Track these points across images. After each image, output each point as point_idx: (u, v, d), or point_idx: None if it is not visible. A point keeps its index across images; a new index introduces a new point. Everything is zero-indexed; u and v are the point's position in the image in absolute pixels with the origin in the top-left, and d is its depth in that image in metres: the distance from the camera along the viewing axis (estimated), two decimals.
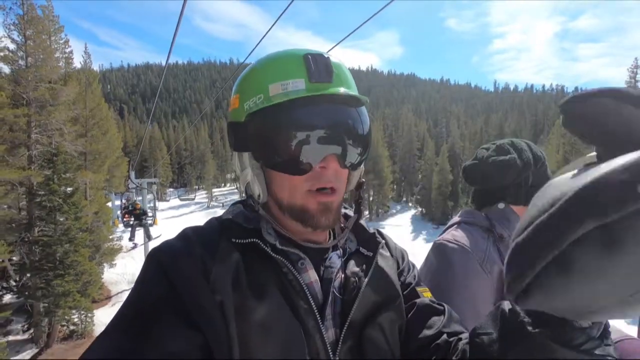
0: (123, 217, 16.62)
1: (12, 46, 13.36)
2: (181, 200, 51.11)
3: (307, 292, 0.61)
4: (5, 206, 13.51)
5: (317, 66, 0.62)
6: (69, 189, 13.99)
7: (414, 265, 0.83)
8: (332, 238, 0.74)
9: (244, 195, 0.74)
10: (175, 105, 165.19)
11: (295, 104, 0.60)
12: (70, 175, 13.93)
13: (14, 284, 14.60)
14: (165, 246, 0.61)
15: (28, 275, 13.50)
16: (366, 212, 45.12)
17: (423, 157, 54.24)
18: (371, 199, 47.57)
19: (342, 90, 0.62)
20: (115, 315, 0.54)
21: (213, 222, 0.69)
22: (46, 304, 13.07)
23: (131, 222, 16.28)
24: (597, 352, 0.40)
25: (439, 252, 1.05)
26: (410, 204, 57.59)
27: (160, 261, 0.58)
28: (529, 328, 0.44)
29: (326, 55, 0.64)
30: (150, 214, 16.56)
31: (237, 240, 0.62)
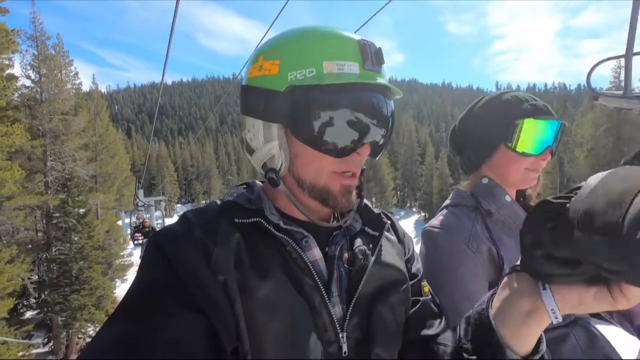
0: (133, 235, 17.27)
1: (27, 82, 14.78)
2: None
3: (312, 269, 0.61)
4: (24, 229, 14.73)
5: (372, 55, 0.62)
6: (81, 210, 15.20)
7: (418, 258, 0.83)
8: (336, 219, 0.74)
9: (259, 168, 0.70)
10: (181, 122, 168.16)
11: (348, 88, 0.59)
12: (83, 198, 15.14)
13: (33, 301, 15.76)
14: (165, 230, 0.60)
15: (47, 291, 14.62)
16: None
17: (424, 162, 54.88)
18: (373, 206, 48.11)
19: (385, 82, 0.63)
20: (120, 302, 0.54)
21: (214, 204, 0.68)
22: (64, 318, 14.16)
23: (141, 241, 16.90)
24: None
25: (426, 239, 1.06)
26: (414, 209, 58.14)
27: (160, 245, 0.57)
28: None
29: (378, 47, 0.64)
30: None
31: (239, 220, 0.61)
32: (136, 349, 0.47)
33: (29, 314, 16.15)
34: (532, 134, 1.01)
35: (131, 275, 21.91)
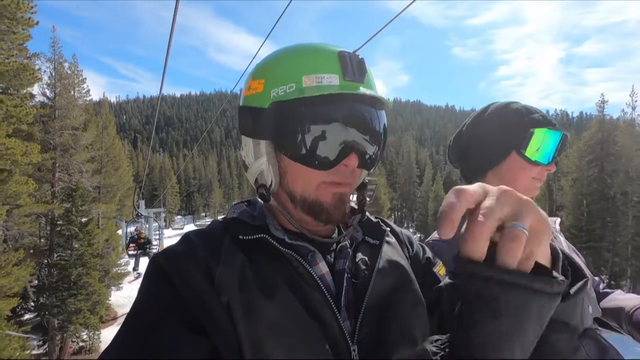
0: (128, 246, 16.91)
1: (41, 98, 16.06)
2: (196, 226, 53.24)
3: (321, 284, 0.60)
4: (29, 235, 15.73)
5: (352, 65, 0.62)
6: (84, 219, 16.23)
7: (423, 247, 0.82)
8: (336, 232, 0.74)
9: (253, 184, 0.70)
10: (187, 135, 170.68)
11: (328, 99, 0.59)
12: (86, 208, 16.20)
13: (32, 304, 16.59)
14: (167, 250, 0.60)
15: (45, 295, 15.47)
16: None
17: (422, 183, 55.78)
18: None
19: (370, 92, 0.62)
20: (122, 324, 0.53)
21: (216, 223, 0.67)
22: (60, 321, 14.97)
23: (135, 252, 16.70)
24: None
25: (431, 250, 1.02)
26: (411, 230, 58.77)
27: (161, 266, 0.56)
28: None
29: (360, 57, 0.64)
30: (155, 243, 17.95)
31: (244, 237, 0.60)
32: None
33: (27, 317, 16.95)
34: (544, 144, 1.01)
35: (126, 284, 22.70)
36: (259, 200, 0.73)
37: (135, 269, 19.49)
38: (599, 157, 25.99)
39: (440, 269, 0.77)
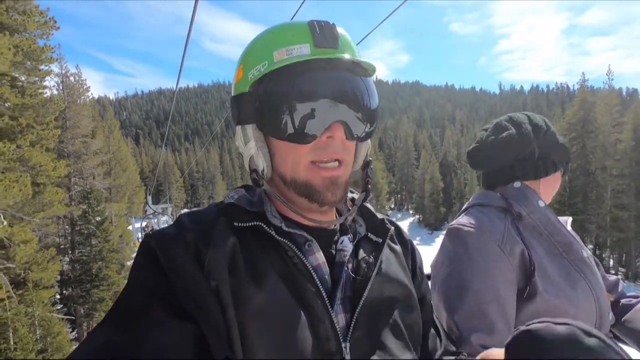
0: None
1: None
2: None
3: (315, 275, 0.58)
4: (51, 235, 17.51)
5: (323, 32, 0.60)
6: (99, 218, 17.96)
7: (424, 278, 0.79)
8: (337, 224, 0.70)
9: (248, 171, 0.68)
10: (188, 128, 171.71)
11: (300, 69, 0.58)
12: (101, 208, 17.90)
13: (58, 296, 18.52)
14: (157, 233, 0.58)
15: (71, 287, 17.38)
16: None
17: (420, 166, 57.14)
18: None
19: (347, 56, 0.60)
20: (112, 306, 0.53)
21: (212, 207, 0.66)
22: (86, 309, 16.89)
23: None
24: None
25: (454, 236, 1.01)
26: (411, 211, 60.41)
27: (151, 249, 0.56)
28: None
29: (332, 23, 0.62)
30: None
31: (239, 224, 0.59)
32: (120, 358, 0.46)
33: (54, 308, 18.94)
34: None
35: None
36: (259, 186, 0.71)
37: None
38: (580, 135, 27.18)
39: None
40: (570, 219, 1.18)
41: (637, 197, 23.67)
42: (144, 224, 21.48)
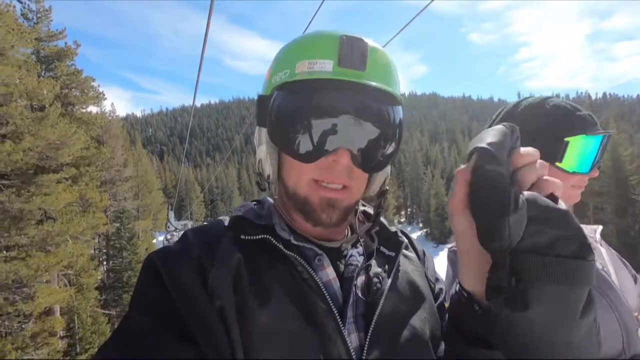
0: None
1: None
2: None
3: (325, 291, 0.56)
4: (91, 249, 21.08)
5: (351, 50, 0.57)
6: (128, 234, 21.41)
7: (441, 278, 0.78)
8: (349, 236, 0.68)
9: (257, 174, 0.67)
10: (209, 144, 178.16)
11: (317, 85, 0.57)
12: (131, 226, 21.33)
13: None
14: (162, 250, 0.58)
15: (106, 292, 20.75)
16: None
17: (430, 180, 58.80)
18: None
19: (373, 83, 0.57)
20: (117, 325, 0.53)
21: (218, 221, 0.65)
22: (118, 312, 20.17)
23: None
24: None
25: (452, 260, 1.00)
26: (420, 225, 61.99)
27: (154, 266, 0.55)
28: None
29: (365, 41, 0.58)
30: None
31: (246, 237, 0.59)
32: None
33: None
34: (582, 152, 0.92)
35: None
36: (269, 199, 0.71)
37: None
38: None
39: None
40: (600, 228, 1.10)
41: (617, 214, 25.06)
42: (168, 236, 24.50)
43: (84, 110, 14.11)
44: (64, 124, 9.74)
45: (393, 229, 0.73)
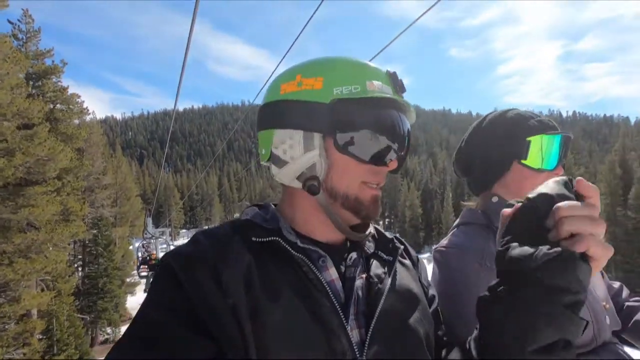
0: (139, 267, 18.53)
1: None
2: None
3: (329, 290, 0.61)
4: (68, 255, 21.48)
5: (397, 81, 0.69)
6: (105, 241, 21.92)
7: (432, 284, 0.84)
8: (347, 242, 0.74)
9: (291, 181, 0.69)
10: (191, 149, 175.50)
11: (388, 104, 0.67)
12: (108, 232, 21.86)
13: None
14: (176, 252, 0.61)
15: (81, 298, 21.14)
16: None
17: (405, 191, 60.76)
18: None
19: (411, 107, 0.71)
20: (130, 323, 0.55)
21: (227, 225, 0.69)
22: (92, 317, 20.62)
23: (147, 274, 17.97)
24: None
25: (437, 259, 1.05)
26: (397, 235, 63.51)
27: (170, 267, 0.58)
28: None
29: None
30: None
31: (257, 239, 0.62)
32: None
33: None
34: (545, 150, 1.02)
35: (139, 291, 28.07)
36: (271, 205, 0.76)
37: (146, 290, 23.34)
38: None
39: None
40: None
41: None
42: (145, 242, 24.34)
43: (68, 123, 15.00)
44: (52, 141, 10.62)
45: (389, 235, 0.79)
